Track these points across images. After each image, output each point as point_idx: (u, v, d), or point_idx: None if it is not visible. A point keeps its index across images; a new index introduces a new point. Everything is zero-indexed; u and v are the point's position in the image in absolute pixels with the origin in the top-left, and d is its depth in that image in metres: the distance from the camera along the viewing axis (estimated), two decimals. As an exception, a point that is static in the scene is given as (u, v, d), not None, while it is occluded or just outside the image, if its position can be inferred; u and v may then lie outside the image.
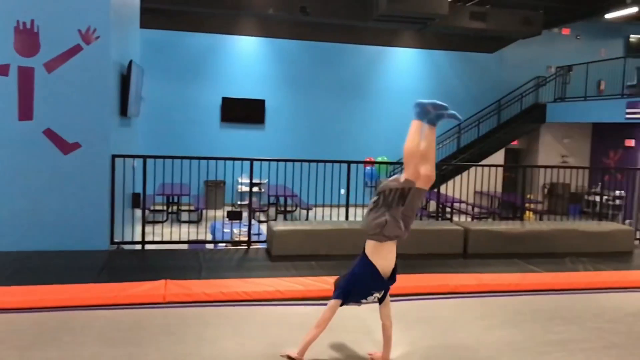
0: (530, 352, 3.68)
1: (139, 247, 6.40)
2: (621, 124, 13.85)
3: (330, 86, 15.17)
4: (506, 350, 3.70)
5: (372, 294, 3.34)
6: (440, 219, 10.71)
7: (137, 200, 6.90)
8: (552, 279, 5.25)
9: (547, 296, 4.90)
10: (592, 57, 15.35)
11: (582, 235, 6.58)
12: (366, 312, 3.87)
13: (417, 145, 3.32)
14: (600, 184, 12.12)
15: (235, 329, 3.90)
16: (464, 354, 3.65)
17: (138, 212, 7.64)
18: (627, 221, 12.26)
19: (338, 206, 7.51)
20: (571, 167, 10.62)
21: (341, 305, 3.36)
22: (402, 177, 3.30)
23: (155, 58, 13.56)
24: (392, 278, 3.38)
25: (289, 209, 12.98)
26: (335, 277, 3.57)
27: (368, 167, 11.64)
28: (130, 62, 6.64)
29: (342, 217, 7.11)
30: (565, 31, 16.74)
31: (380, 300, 3.39)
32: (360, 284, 3.31)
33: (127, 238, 6.86)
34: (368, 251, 3.34)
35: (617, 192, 13.87)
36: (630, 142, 14.74)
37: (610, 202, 13.73)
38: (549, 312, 4.45)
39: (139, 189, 6.51)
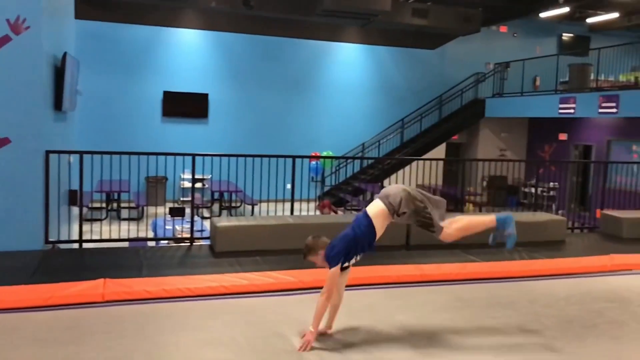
0: (470, 333, 3.82)
1: (76, 246, 6.17)
2: (555, 119, 14.49)
3: (275, 80, 15.10)
4: (447, 331, 3.83)
5: (357, 256, 3.63)
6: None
7: (73, 198, 6.65)
8: (490, 268, 5.44)
9: (485, 284, 5.08)
10: (528, 54, 15.97)
11: (518, 226, 6.77)
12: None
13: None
14: (535, 176, 12.64)
15: (177, 324, 3.86)
16: (405, 334, 3.74)
17: (75, 210, 7.37)
18: (560, 211, 12.87)
19: (283, 201, 7.50)
20: (508, 160, 11.04)
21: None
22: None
23: (93, 50, 13.08)
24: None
25: (233, 204, 12.85)
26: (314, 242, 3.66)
27: (313, 162, 11.68)
28: (65, 54, 6.37)
29: (288, 212, 7.10)
30: (503, 29, 17.32)
31: (345, 268, 3.63)
32: (359, 245, 3.55)
33: (64, 237, 6.60)
34: (378, 219, 3.56)
35: (551, 184, 14.53)
36: (563, 136, 15.47)
37: (545, 194, 14.37)
38: (487, 299, 4.62)
39: (76, 186, 6.26)
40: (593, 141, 14.70)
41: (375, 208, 3.62)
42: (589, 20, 16.51)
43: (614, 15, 15.67)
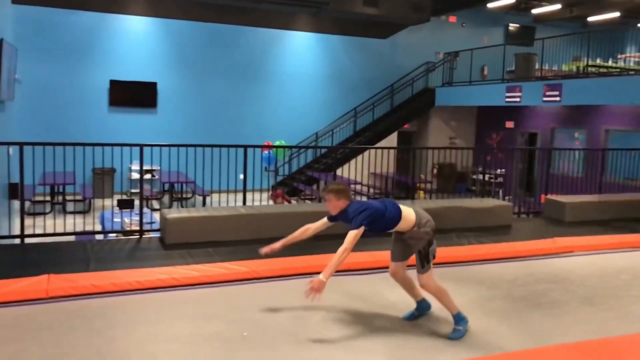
0: (421, 316, 3.92)
1: (17, 241, 5.91)
2: (502, 107, 14.89)
3: (226, 69, 14.87)
4: (398, 315, 3.92)
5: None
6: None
7: (14, 191, 6.36)
8: (439, 253, 5.49)
9: (435, 269, 5.17)
10: (476, 44, 16.31)
11: (466, 212, 7.02)
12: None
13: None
14: (483, 163, 13.01)
15: (127, 318, 3.78)
16: (355, 320, 3.77)
17: (17, 204, 7.07)
18: (506, 197, 13.28)
19: (235, 191, 7.41)
20: (458, 148, 11.28)
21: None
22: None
23: (33, 37, 12.51)
24: None
25: (184, 195, 12.63)
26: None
27: (266, 152, 11.57)
28: (1, 40, 6.06)
29: (240, 203, 7.03)
30: (452, 19, 17.62)
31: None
32: (382, 223, 3.72)
33: (4, 232, 6.32)
34: (405, 220, 3.71)
35: (499, 171, 14.97)
36: (510, 124, 15.93)
37: (493, 180, 14.80)
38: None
39: (17, 179, 5.99)
40: (538, 129, 15.20)
41: (407, 211, 3.74)
42: (534, 11, 17.01)
43: (557, 6, 16.20)
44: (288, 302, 4.13)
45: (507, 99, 13.95)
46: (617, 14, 16.16)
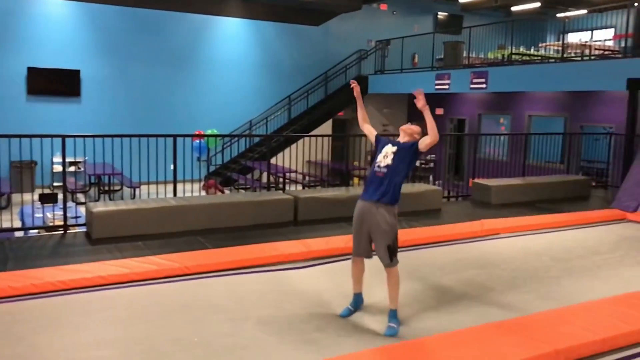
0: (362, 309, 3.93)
1: None
2: (432, 94, 15.25)
3: (154, 56, 14.35)
4: (335, 304, 3.91)
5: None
6: (274, 189, 10.88)
7: None
8: (373, 239, 5.62)
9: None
10: (407, 32, 16.58)
11: (398, 197, 7.15)
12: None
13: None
14: (415, 149, 13.29)
15: (51, 322, 3.56)
16: (288, 310, 3.75)
17: None
18: (437, 182, 13.67)
19: (165, 182, 7.19)
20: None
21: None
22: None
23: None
24: None
25: (113, 188, 12.15)
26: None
27: (197, 141, 11.29)
28: None
29: (172, 194, 6.83)
30: (383, 7, 17.82)
31: None
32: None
33: None
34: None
35: (429, 156, 15.36)
36: (440, 111, 16.36)
37: (424, 165, 15.18)
38: (371, 269, 4.75)
39: None
40: (466, 115, 15.71)
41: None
42: (461, 0, 17.47)
43: (483, -4, 16.71)
44: (222, 301, 4.03)
45: (437, 86, 14.31)
46: (538, 4, 16.88)
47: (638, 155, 8.06)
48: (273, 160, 11.81)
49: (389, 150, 3.81)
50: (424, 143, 3.77)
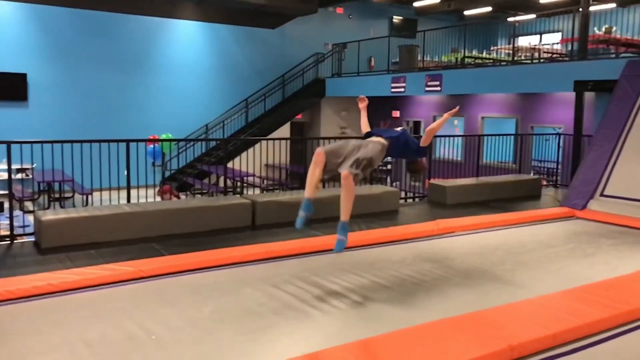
0: (317, 299, 3.96)
1: None
2: (388, 97, 15.46)
3: (107, 59, 14.02)
4: (298, 300, 3.92)
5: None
6: (232, 193, 10.78)
7: None
8: (331, 240, 5.60)
9: (328, 255, 5.26)
10: (363, 35, 16.76)
11: (356, 199, 7.09)
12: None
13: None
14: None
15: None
16: (250, 308, 3.71)
17: None
18: (394, 183, 13.83)
19: (118, 189, 7.02)
20: (349, 138, 11.50)
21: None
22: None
23: None
24: None
25: (63, 195, 11.77)
26: None
27: (151, 146, 11.05)
28: None
29: (125, 200, 6.67)
30: (339, 10, 17.96)
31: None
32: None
33: None
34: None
35: (387, 158, 15.50)
36: (396, 113, 16.59)
37: (382, 167, 15.33)
38: (330, 267, 4.79)
39: None
40: (421, 117, 15.97)
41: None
42: (416, 4, 17.78)
43: (437, 0, 17.05)
44: (177, 300, 3.98)
45: (393, 89, 14.51)
46: (489, 9, 17.35)
47: (586, 154, 8.36)
48: (230, 165, 11.71)
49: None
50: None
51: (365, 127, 4.89)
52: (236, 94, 15.69)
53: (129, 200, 6.57)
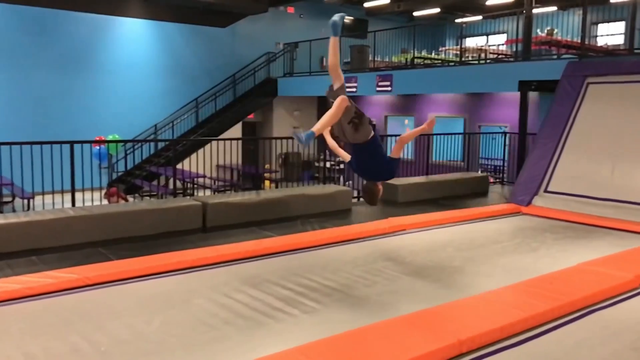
0: (268, 306, 3.89)
1: None
2: (340, 97, 15.51)
3: (49, 58, 13.49)
4: (248, 307, 3.84)
5: None
6: (182, 195, 10.58)
7: None
8: (284, 241, 5.61)
9: (281, 257, 5.23)
10: (315, 35, 16.76)
11: (309, 199, 7.19)
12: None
13: (338, 59, 4.35)
14: (326, 151, 13.46)
15: None
16: (204, 317, 3.63)
17: None
18: (347, 182, 13.91)
19: (62, 192, 6.76)
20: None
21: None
22: (336, 86, 4.41)
23: None
24: None
25: (2, 200, 11.22)
26: None
27: (97, 147, 10.70)
28: None
29: (70, 204, 6.43)
30: (290, 10, 17.92)
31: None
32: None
33: None
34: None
35: (339, 157, 15.58)
36: (349, 113, 16.68)
37: (335, 167, 15.41)
38: (283, 270, 4.75)
39: None
40: (373, 117, 16.13)
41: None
42: (366, 4, 17.94)
43: (386, 1, 17.26)
44: (125, 310, 3.85)
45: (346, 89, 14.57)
46: (437, 10, 17.70)
47: (530, 152, 8.64)
48: (180, 166, 11.49)
49: None
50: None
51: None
52: (186, 93, 15.41)
53: (73, 203, 6.34)
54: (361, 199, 9.27)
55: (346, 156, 4.89)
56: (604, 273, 4.51)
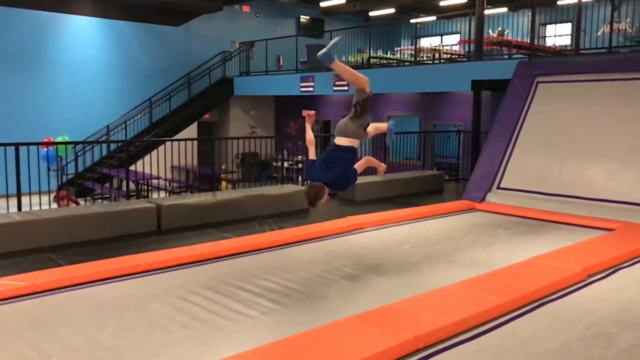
0: (226, 308, 3.83)
1: None
2: (298, 96, 15.51)
3: (-8, 56, 12.93)
4: (204, 310, 3.78)
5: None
6: (136, 197, 10.34)
7: None
8: (242, 242, 5.54)
9: (239, 258, 5.17)
10: (271, 34, 16.70)
11: (267, 199, 7.15)
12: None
13: (352, 72, 4.67)
14: (282, 151, 13.43)
15: None
16: (156, 322, 3.54)
17: None
18: (305, 182, 13.90)
19: (7, 196, 6.49)
20: (259, 137, 11.43)
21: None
22: (367, 89, 4.68)
23: None
24: None
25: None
26: None
27: (45, 149, 10.29)
28: None
29: (16, 208, 6.17)
30: (246, 8, 17.78)
31: None
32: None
33: None
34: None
35: (299, 157, 15.58)
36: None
37: (294, 167, 15.37)
38: (240, 272, 4.68)
39: None
40: (331, 116, 16.18)
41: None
42: (322, 4, 17.98)
43: (342, 0, 17.34)
44: (76, 317, 3.71)
45: (302, 89, 14.57)
46: (392, 10, 17.90)
47: (483, 150, 8.84)
48: (134, 167, 11.23)
49: None
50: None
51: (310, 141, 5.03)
52: (139, 93, 15.04)
53: (19, 208, 6.09)
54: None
55: (312, 153, 4.87)
56: (554, 266, 4.66)
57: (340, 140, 4.59)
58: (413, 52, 13.72)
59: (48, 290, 4.17)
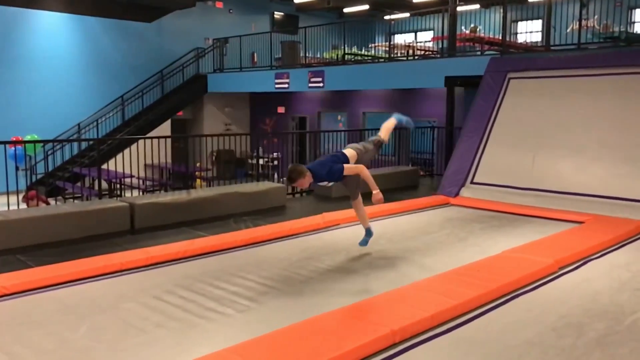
0: (202, 307, 3.79)
1: None
2: (273, 93, 15.46)
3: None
4: (179, 309, 3.73)
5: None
6: (108, 196, 10.18)
7: None
8: (217, 240, 5.49)
9: (214, 257, 5.12)
10: (245, 30, 16.58)
11: (242, 196, 7.10)
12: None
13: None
14: (260, 147, 13.37)
15: None
16: (134, 322, 3.49)
17: None
18: (281, 179, 13.87)
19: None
20: (234, 134, 11.35)
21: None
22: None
23: None
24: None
25: None
26: None
27: (12, 148, 10.02)
28: None
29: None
30: (219, 5, 17.62)
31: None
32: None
33: None
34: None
35: (275, 154, 15.55)
36: (282, 109, 16.64)
37: (269, 164, 15.33)
38: (216, 270, 4.64)
39: None
40: (307, 113, 16.17)
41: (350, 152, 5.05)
42: (296, 0, 17.92)
43: (316, -3, 17.34)
44: (47, 319, 3.63)
45: (277, 85, 14.52)
46: (366, 7, 17.95)
47: (457, 145, 8.93)
48: (107, 166, 11.05)
49: None
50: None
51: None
52: (111, 90, 14.79)
53: (-13, 208, 5.93)
54: (296, 195, 9.26)
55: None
56: (527, 259, 4.73)
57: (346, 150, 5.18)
58: (387, 48, 13.78)
59: (17, 292, 4.08)
